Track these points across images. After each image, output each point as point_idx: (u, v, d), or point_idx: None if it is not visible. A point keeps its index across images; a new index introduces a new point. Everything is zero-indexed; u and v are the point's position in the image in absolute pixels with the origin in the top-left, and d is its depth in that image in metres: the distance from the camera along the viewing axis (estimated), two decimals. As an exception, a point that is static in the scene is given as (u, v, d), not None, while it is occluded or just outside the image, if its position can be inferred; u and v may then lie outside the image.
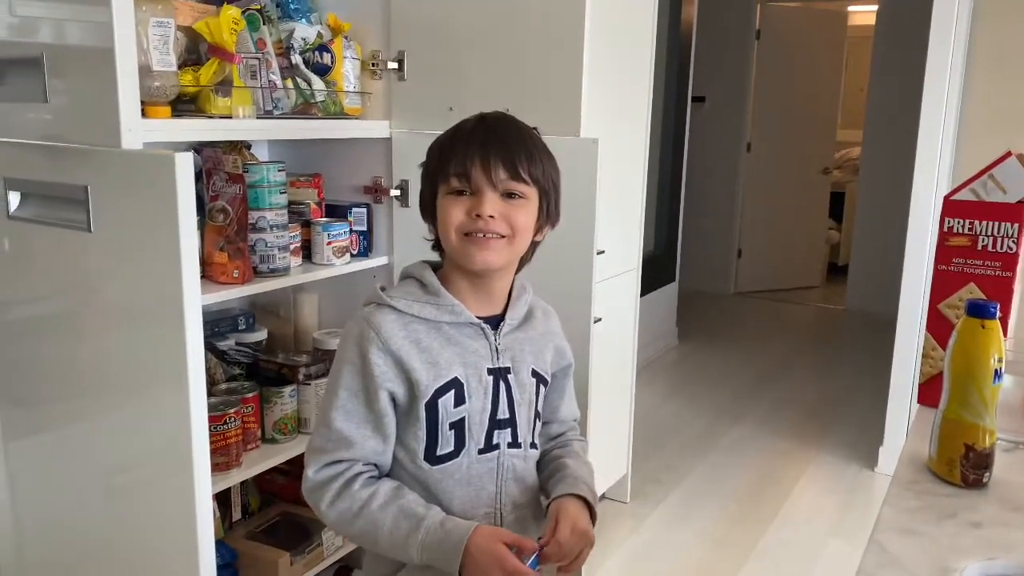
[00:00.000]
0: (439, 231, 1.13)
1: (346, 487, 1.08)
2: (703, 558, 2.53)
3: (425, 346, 1.10)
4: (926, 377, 1.37)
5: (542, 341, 1.21)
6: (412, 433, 1.10)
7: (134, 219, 1.01)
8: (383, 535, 1.06)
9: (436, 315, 1.11)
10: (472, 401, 1.12)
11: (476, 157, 1.08)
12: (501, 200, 1.09)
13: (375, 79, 1.90)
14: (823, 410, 3.80)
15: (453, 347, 1.11)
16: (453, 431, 1.11)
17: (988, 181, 1.31)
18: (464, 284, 1.14)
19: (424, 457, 1.11)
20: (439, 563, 1.05)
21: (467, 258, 1.10)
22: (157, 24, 1.47)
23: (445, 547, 1.04)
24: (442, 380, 1.09)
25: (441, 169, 1.11)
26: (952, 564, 0.91)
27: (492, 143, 1.09)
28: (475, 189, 1.08)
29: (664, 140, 4.39)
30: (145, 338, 1.04)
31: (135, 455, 1.12)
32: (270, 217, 1.67)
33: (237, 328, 1.90)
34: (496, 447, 1.14)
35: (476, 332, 1.14)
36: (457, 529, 1.05)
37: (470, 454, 1.12)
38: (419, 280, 1.14)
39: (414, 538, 1.05)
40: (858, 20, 6.69)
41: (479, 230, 1.08)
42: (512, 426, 1.16)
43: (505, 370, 1.15)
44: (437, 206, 1.12)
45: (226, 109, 1.61)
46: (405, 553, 1.06)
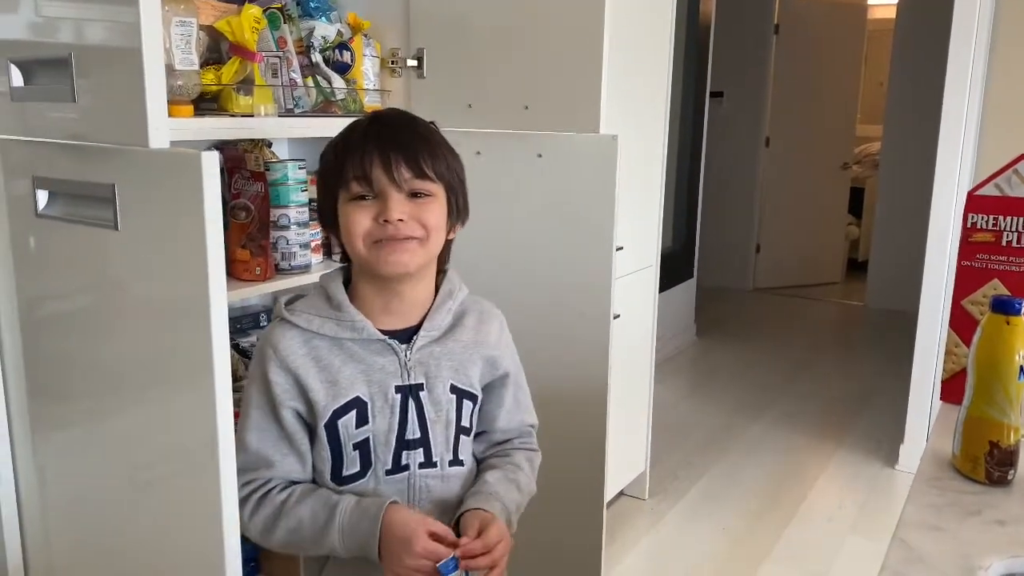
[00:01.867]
0: (343, 240, 1.06)
1: (265, 496, 1.06)
2: (722, 555, 2.52)
3: (325, 364, 1.05)
4: (949, 374, 1.37)
5: (466, 354, 1.12)
6: (317, 452, 1.07)
7: (161, 217, 1.02)
8: (305, 530, 1.03)
9: (337, 331, 1.06)
10: (376, 421, 1.06)
11: (375, 157, 1.01)
12: (408, 201, 1.03)
13: (394, 77, 1.91)
14: (843, 407, 3.78)
15: (356, 364, 1.06)
16: (358, 451, 1.06)
17: (1013, 176, 1.30)
18: (373, 295, 1.08)
19: (331, 477, 1.07)
20: (360, 547, 1.02)
21: (379, 265, 1.03)
22: (179, 23, 1.49)
23: (362, 526, 1.01)
24: (342, 400, 1.04)
25: (338, 174, 1.03)
26: (977, 561, 0.90)
27: (390, 141, 1.03)
28: (378, 192, 1.02)
29: (682, 136, 4.38)
30: (171, 335, 1.05)
31: (161, 451, 1.13)
32: (291, 214, 1.68)
33: (258, 325, 1.92)
34: (406, 468, 1.08)
35: (383, 348, 1.07)
36: (372, 505, 1.02)
37: (377, 475, 1.07)
38: (326, 293, 1.09)
39: (331, 524, 1.02)
40: (878, 13, 6.63)
41: (389, 236, 1.02)
42: (424, 445, 1.09)
43: (416, 387, 1.08)
44: (339, 214, 1.05)
45: (247, 108, 1.62)
46: (328, 542, 1.03)
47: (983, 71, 2.89)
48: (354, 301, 1.08)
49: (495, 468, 1.16)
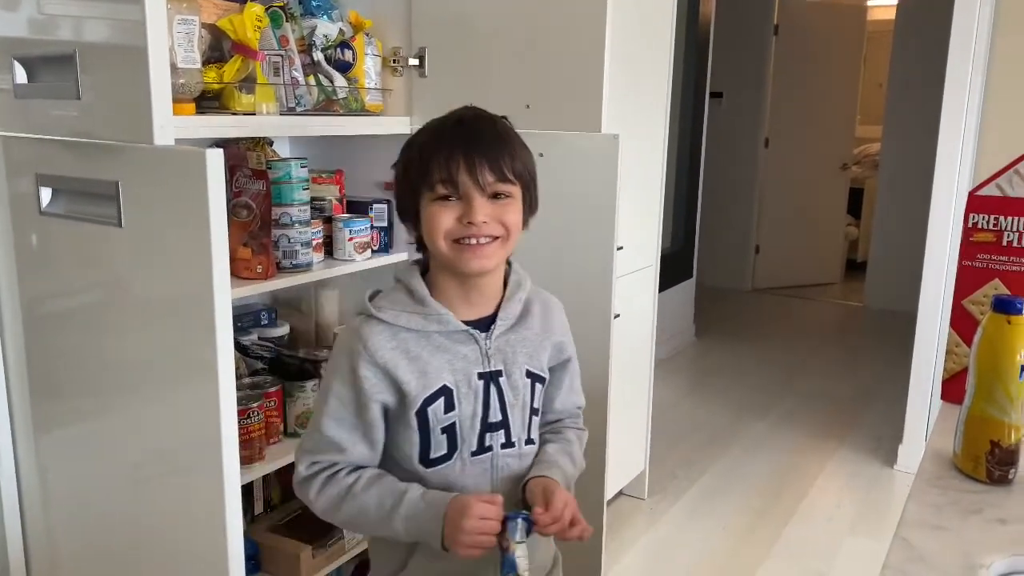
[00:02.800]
0: (425, 236, 1.11)
1: (332, 476, 1.11)
2: (721, 554, 2.53)
3: (414, 355, 1.10)
4: (950, 373, 1.37)
5: (537, 340, 1.19)
6: (406, 437, 1.11)
7: (165, 215, 1.02)
8: (370, 513, 1.09)
9: (424, 325, 1.11)
10: (462, 407, 1.12)
11: (461, 161, 1.05)
12: (489, 202, 1.07)
13: (396, 76, 1.91)
14: (842, 407, 3.79)
15: (442, 354, 1.11)
16: (445, 435, 1.12)
17: (1014, 176, 1.31)
18: (453, 287, 1.13)
19: (419, 460, 1.12)
20: (422, 534, 1.08)
21: (460, 264, 1.08)
22: (181, 21, 1.48)
23: (426, 515, 1.07)
24: (431, 388, 1.10)
25: (424, 175, 1.07)
26: (978, 560, 0.91)
27: (475, 145, 1.07)
28: (463, 194, 1.06)
29: (682, 136, 4.38)
30: (175, 332, 1.05)
31: (164, 448, 1.13)
32: (293, 213, 1.68)
33: (260, 323, 1.92)
34: (489, 449, 1.15)
35: (466, 337, 1.13)
36: (437, 498, 1.08)
37: (463, 457, 1.13)
38: (407, 287, 1.13)
39: (397, 512, 1.07)
40: (877, 15, 6.64)
41: (471, 236, 1.07)
42: (505, 427, 1.15)
43: (496, 373, 1.14)
44: (422, 211, 1.10)
45: (249, 106, 1.62)
46: (391, 528, 1.08)
47: (982, 72, 2.89)
48: (435, 294, 1.13)
49: (551, 442, 1.24)
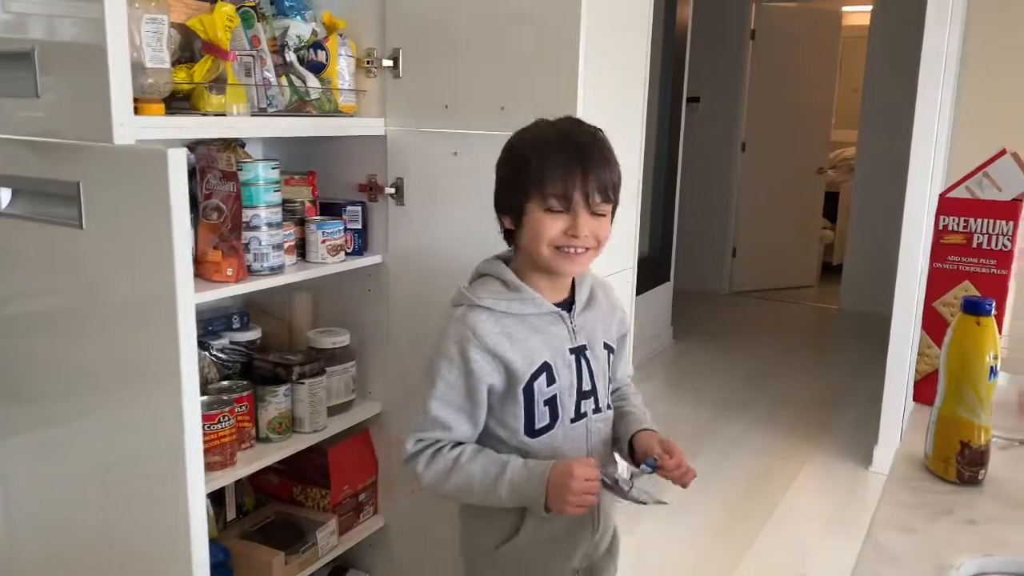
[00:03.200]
0: (526, 236, 1.24)
1: (437, 452, 1.24)
2: (698, 555, 2.53)
3: (517, 337, 1.24)
4: (921, 375, 1.37)
5: (608, 316, 1.36)
6: (512, 413, 1.25)
7: (127, 216, 1.00)
8: (475, 483, 1.21)
9: (521, 309, 1.25)
10: (561, 379, 1.26)
11: (577, 182, 1.18)
12: (591, 218, 1.21)
13: (370, 77, 1.89)
14: (818, 409, 3.81)
15: (539, 335, 1.26)
16: (547, 407, 1.26)
17: (983, 179, 1.31)
18: (538, 277, 1.28)
19: (525, 432, 1.26)
20: (525, 499, 1.21)
21: (559, 268, 1.24)
22: (150, 21, 1.46)
23: (531, 483, 1.19)
24: (535, 365, 1.24)
25: (537, 185, 1.20)
26: (948, 561, 0.90)
27: (590, 167, 1.20)
28: (571, 209, 1.20)
29: (659, 140, 4.39)
30: (138, 336, 1.03)
31: (128, 454, 1.11)
32: (264, 215, 1.66)
33: (231, 327, 1.89)
34: (584, 415, 1.30)
35: (555, 319, 1.28)
36: (539, 466, 1.21)
37: (564, 424, 1.28)
38: (499, 279, 1.27)
39: (502, 479, 1.20)
40: (853, 20, 6.70)
41: (573, 246, 1.21)
42: (594, 395, 1.31)
43: (583, 348, 1.30)
44: (527, 214, 1.22)
45: (220, 107, 1.60)
46: (495, 495, 1.21)
47: (955, 77, 2.92)
48: (523, 281, 1.27)
49: (630, 405, 1.43)
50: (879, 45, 5.34)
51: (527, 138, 1.27)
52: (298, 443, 1.80)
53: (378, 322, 1.96)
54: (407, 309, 1.92)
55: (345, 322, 1.97)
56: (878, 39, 5.36)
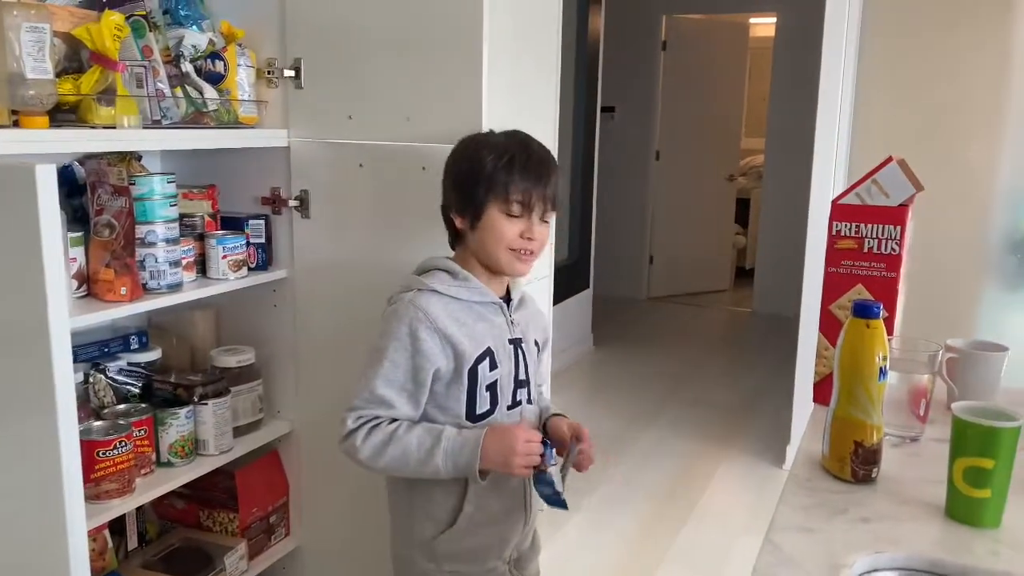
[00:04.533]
0: (482, 238, 1.33)
1: (376, 426, 1.28)
2: (620, 562, 2.54)
3: (463, 321, 1.32)
4: (820, 376, 1.41)
5: (534, 319, 1.47)
6: (455, 397, 1.32)
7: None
8: (411, 454, 1.26)
9: (468, 296, 1.34)
10: (502, 366, 1.35)
11: (538, 191, 1.31)
12: (541, 224, 1.34)
13: (271, 87, 1.85)
14: (734, 410, 3.90)
15: (484, 322, 1.34)
16: (488, 392, 1.34)
17: (871, 186, 1.36)
18: (482, 273, 1.37)
19: (466, 416, 1.33)
20: (461, 468, 1.26)
21: (512, 269, 1.35)
22: (30, 29, 1.39)
23: (466, 450, 1.26)
24: (480, 349, 1.32)
25: (501, 191, 1.30)
26: (842, 560, 0.93)
27: (544, 178, 1.33)
28: (528, 215, 1.32)
29: (575, 149, 4.44)
30: (9, 365, 0.97)
31: (3, 488, 1.04)
32: (160, 231, 1.59)
33: (129, 348, 1.81)
34: (519, 403, 1.39)
35: (497, 310, 1.37)
36: (472, 433, 1.28)
37: (502, 410, 1.36)
38: (446, 270, 1.36)
39: (437, 448, 1.26)
40: (759, 32, 6.92)
41: (526, 249, 1.33)
42: (527, 385, 1.41)
43: (519, 340, 1.39)
44: (486, 216, 1.32)
45: (109, 119, 1.53)
46: (432, 464, 1.26)
47: (852, 87, 3.04)
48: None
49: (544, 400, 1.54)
50: (783, 56, 5.53)
51: (487, 146, 1.35)
52: (202, 466, 1.74)
53: (285, 338, 1.91)
54: (315, 324, 1.87)
55: (250, 339, 1.92)
56: (782, 50, 5.55)
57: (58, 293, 0.88)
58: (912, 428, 1.27)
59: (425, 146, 1.70)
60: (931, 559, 0.94)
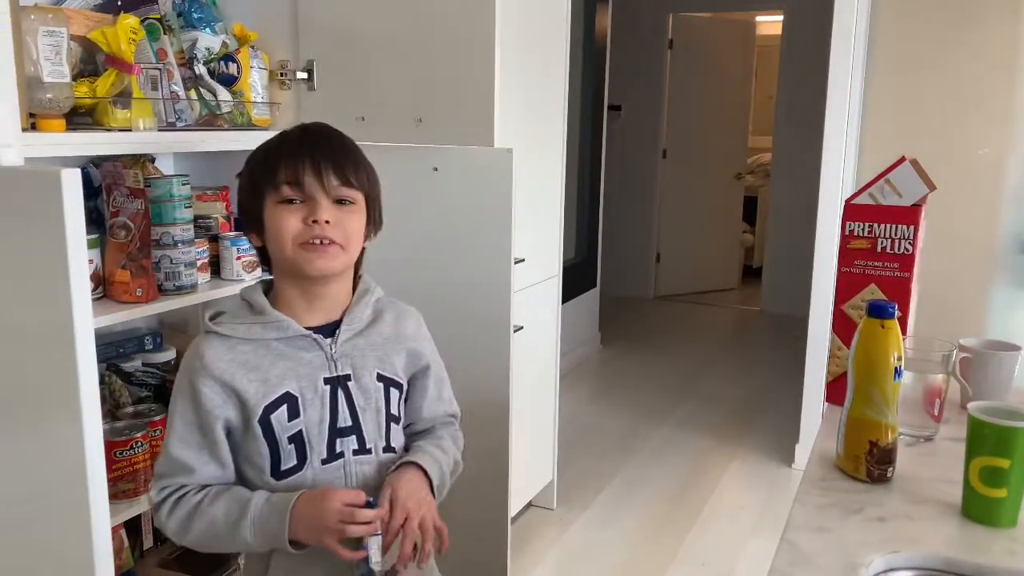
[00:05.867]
0: (269, 242, 1.12)
1: (180, 498, 1.10)
2: (629, 561, 2.55)
3: (253, 365, 1.10)
4: (833, 376, 1.42)
5: (388, 345, 1.19)
6: (255, 450, 1.11)
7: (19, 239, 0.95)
8: (218, 526, 1.08)
9: (262, 333, 1.11)
10: (307, 413, 1.12)
11: (307, 164, 1.08)
12: (333, 207, 1.10)
13: (284, 89, 1.86)
14: (743, 409, 3.90)
15: (285, 361, 1.11)
16: (293, 444, 1.11)
17: (884, 185, 1.36)
18: (295, 295, 1.14)
19: (270, 473, 1.12)
20: (270, 540, 1.07)
21: (306, 266, 1.10)
22: (47, 33, 1.41)
23: (272, 519, 1.06)
24: (272, 396, 1.10)
25: (269, 178, 1.09)
26: (859, 559, 0.93)
27: (321, 150, 1.10)
28: (308, 196, 1.08)
29: (582, 148, 4.44)
30: (35, 364, 0.98)
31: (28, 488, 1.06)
32: (175, 232, 1.61)
33: (144, 348, 1.83)
34: (340, 455, 1.14)
35: (309, 343, 1.13)
36: (282, 500, 1.08)
37: (313, 465, 1.12)
38: (247, 301, 1.14)
39: (244, 520, 1.07)
40: (766, 30, 6.91)
41: (316, 236, 1.08)
42: (356, 432, 1.15)
43: (344, 378, 1.15)
44: (266, 216, 1.10)
45: (125, 121, 1.55)
46: (240, 538, 1.07)
47: (861, 85, 3.04)
48: (277, 304, 1.14)
49: (430, 441, 1.24)
50: (791, 53, 5.52)
51: (261, 145, 1.16)
52: (217, 466, 1.74)
53: (298, 339, 1.92)
54: (328, 325, 1.88)
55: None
56: (790, 47, 5.54)
57: (82, 295, 0.89)
58: (926, 428, 1.27)
59: (436, 147, 1.71)
60: (947, 558, 0.94)
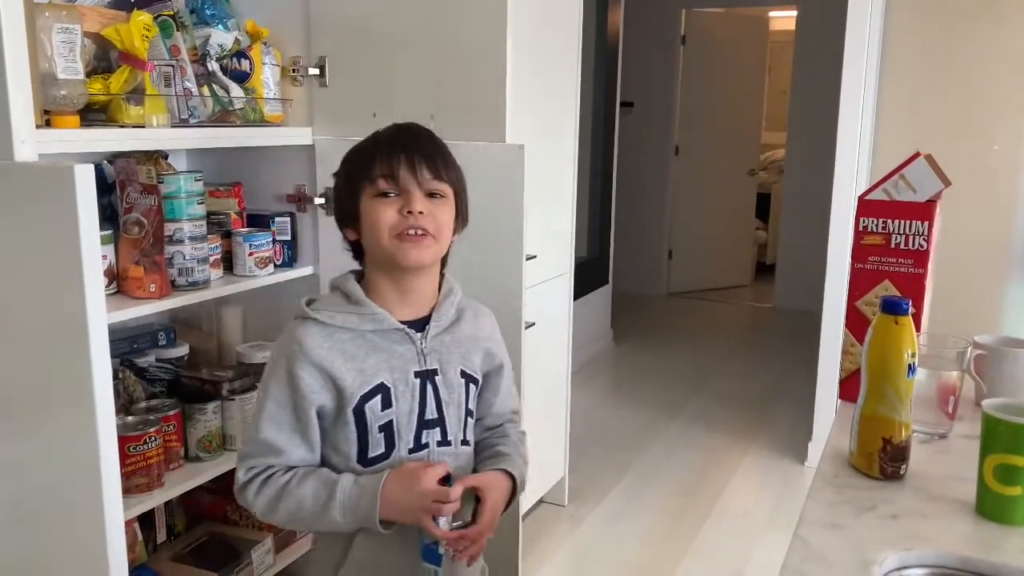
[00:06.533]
0: (366, 235, 1.17)
1: (268, 478, 1.14)
2: (641, 557, 2.55)
3: (351, 354, 1.14)
4: (846, 373, 1.41)
5: (469, 343, 1.25)
6: (343, 437, 1.15)
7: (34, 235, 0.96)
8: (306, 508, 1.12)
9: (359, 324, 1.16)
10: (399, 404, 1.16)
11: (401, 159, 1.14)
12: (426, 199, 1.15)
13: (296, 85, 1.86)
14: (755, 406, 3.88)
15: (379, 353, 1.16)
16: (383, 433, 1.16)
17: (899, 181, 1.35)
18: (389, 288, 1.19)
19: (357, 459, 1.16)
20: (360, 520, 1.12)
21: (401, 257, 1.14)
22: (62, 30, 1.41)
23: (363, 500, 1.11)
24: (368, 386, 1.14)
25: (365, 173, 1.15)
26: (872, 556, 0.92)
27: (413, 147, 1.17)
28: (402, 189, 1.14)
29: (594, 145, 4.43)
30: (49, 359, 0.99)
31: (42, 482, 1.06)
32: (188, 228, 1.61)
33: (157, 344, 1.84)
34: (426, 446, 1.19)
35: (402, 337, 1.18)
36: (371, 481, 1.12)
37: (400, 454, 1.17)
38: (343, 291, 1.19)
39: (333, 502, 1.11)
40: (779, 25, 6.87)
41: (411, 227, 1.13)
42: (441, 425, 1.20)
43: (432, 372, 1.19)
44: (362, 210, 1.16)
45: (138, 118, 1.56)
46: (329, 518, 1.12)
47: (876, 81, 3.01)
48: (370, 296, 1.18)
49: (499, 444, 1.29)
50: (805, 49, 5.49)
51: (354, 146, 1.23)
52: (230, 461, 1.75)
53: (311, 335, 1.92)
54: (340, 321, 1.89)
55: (276, 335, 1.92)
56: (803, 42, 5.51)
57: (96, 291, 0.89)
58: (940, 425, 1.26)
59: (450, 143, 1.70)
60: (961, 556, 0.94)
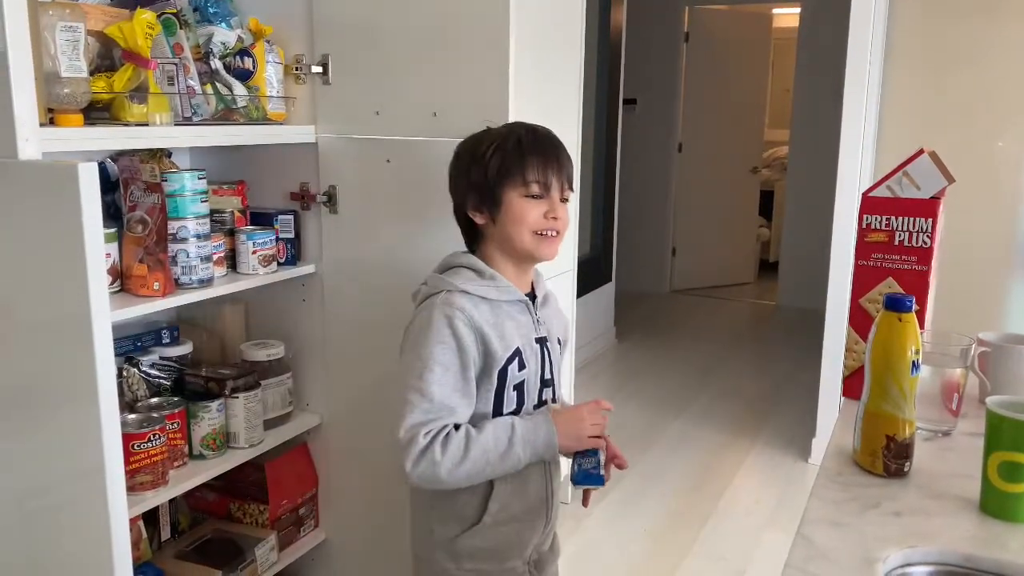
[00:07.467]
0: (506, 224, 1.32)
1: (446, 438, 1.23)
2: (645, 555, 2.55)
3: (494, 322, 1.29)
4: (850, 370, 1.41)
5: (555, 316, 1.45)
6: (482, 397, 1.30)
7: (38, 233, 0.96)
8: (491, 452, 1.24)
9: (497, 295, 1.31)
10: (529, 365, 1.33)
11: (554, 169, 1.32)
12: (561, 204, 1.34)
13: (299, 83, 1.86)
14: (759, 404, 3.88)
15: (511, 321, 1.32)
16: (516, 392, 1.32)
17: (902, 178, 1.35)
18: (509, 268, 1.36)
19: (492, 416, 1.30)
20: (540, 451, 1.27)
21: (539, 253, 1.33)
22: (65, 28, 1.41)
23: (540, 432, 1.27)
24: (510, 349, 1.30)
25: (518, 173, 1.30)
26: (875, 554, 0.92)
27: (560, 157, 1.34)
28: (550, 195, 1.32)
29: (597, 143, 4.43)
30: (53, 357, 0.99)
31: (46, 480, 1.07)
32: (191, 226, 1.61)
33: (160, 342, 1.84)
34: (545, 402, 1.38)
35: (523, 308, 1.36)
36: (538, 416, 1.30)
37: (528, 411, 1.35)
38: (471, 268, 1.33)
39: (514, 438, 1.25)
40: (782, 22, 6.86)
41: (550, 228, 1.32)
42: (552, 385, 1.40)
43: (544, 339, 1.38)
44: (506, 202, 1.31)
45: (142, 116, 1.56)
46: (513, 455, 1.25)
47: (879, 77, 3.01)
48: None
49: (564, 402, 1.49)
50: (808, 46, 5.48)
51: (492, 137, 1.34)
52: (233, 459, 1.76)
53: (313, 332, 1.93)
54: (343, 318, 1.89)
55: (279, 334, 1.94)
56: (807, 40, 5.49)
57: (100, 289, 0.89)
58: (944, 422, 1.26)
59: (452, 141, 1.70)
60: (965, 554, 0.93)
